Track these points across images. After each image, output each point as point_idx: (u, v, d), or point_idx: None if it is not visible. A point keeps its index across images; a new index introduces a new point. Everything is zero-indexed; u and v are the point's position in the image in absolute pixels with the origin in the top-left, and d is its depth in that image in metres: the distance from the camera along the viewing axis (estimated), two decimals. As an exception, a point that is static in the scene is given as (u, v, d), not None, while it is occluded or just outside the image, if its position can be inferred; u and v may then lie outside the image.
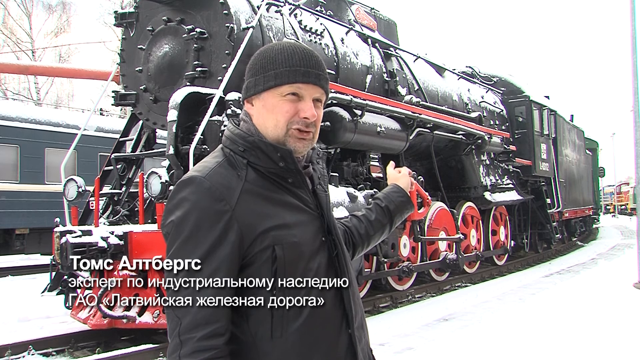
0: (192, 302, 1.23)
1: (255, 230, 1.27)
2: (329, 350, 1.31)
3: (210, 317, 1.22)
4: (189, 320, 1.22)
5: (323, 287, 1.32)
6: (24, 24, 28.94)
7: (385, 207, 1.77)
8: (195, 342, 1.20)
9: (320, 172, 1.48)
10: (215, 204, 1.26)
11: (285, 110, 1.35)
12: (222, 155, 1.37)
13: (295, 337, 1.27)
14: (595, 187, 22.59)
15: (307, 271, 1.31)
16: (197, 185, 1.27)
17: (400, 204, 1.81)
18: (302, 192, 1.38)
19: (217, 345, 1.21)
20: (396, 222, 1.81)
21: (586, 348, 4.79)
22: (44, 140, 12.78)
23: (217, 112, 5.61)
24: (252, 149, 1.35)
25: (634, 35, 8.50)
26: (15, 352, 5.43)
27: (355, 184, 7.28)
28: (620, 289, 7.74)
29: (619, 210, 43.99)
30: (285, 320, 1.27)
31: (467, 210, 9.90)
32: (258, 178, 1.33)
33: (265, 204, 1.30)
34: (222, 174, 1.30)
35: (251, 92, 1.39)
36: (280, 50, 1.37)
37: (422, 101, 8.73)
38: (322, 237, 1.37)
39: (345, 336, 1.34)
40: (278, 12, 6.73)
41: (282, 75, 1.34)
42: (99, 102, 9.45)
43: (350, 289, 1.38)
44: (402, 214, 1.82)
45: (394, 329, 6.06)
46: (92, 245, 5.54)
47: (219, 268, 1.24)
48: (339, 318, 1.34)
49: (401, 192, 1.83)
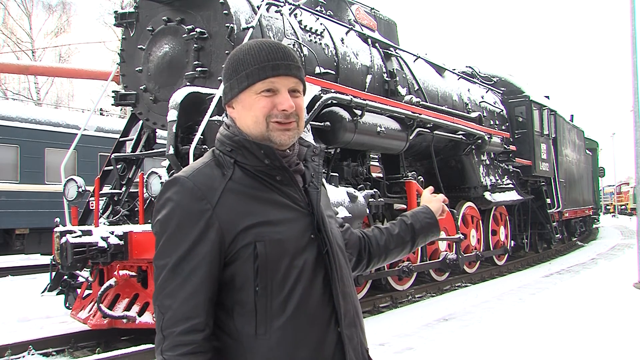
0: (173, 298, 1.26)
1: (236, 227, 1.29)
2: (315, 348, 1.31)
3: (189, 312, 1.25)
4: (170, 316, 1.26)
5: (309, 284, 1.32)
6: (24, 24, 28.98)
7: (410, 225, 1.77)
8: (175, 337, 1.25)
9: (314, 169, 1.48)
10: (196, 203, 1.29)
11: (262, 106, 1.36)
12: (210, 156, 1.41)
13: (280, 334, 1.28)
14: (595, 187, 22.59)
15: (291, 268, 1.31)
16: (180, 185, 1.32)
17: (427, 225, 1.79)
18: (291, 189, 1.39)
19: (195, 341, 1.25)
20: (419, 242, 1.80)
21: (586, 348, 4.79)
22: (44, 140, 12.78)
23: (217, 112, 5.60)
24: (239, 149, 1.38)
25: (634, 35, 8.50)
26: (15, 352, 5.42)
27: (355, 184, 7.27)
28: (620, 289, 7.74)
29: (619, 210, 44.00)
30: (269, 317, 1.28)
31: (467, 210, 9.90)
32: (245, 177, 1.36)
33: (249, 202, 1.32)
34: (206, 174, 1.34)
35: (228, 96, 1.42)
36: (247, 50, 1.39)
37: (422, 101, 8.73)
38: (310, 235, 1.37)
39: (333, 334, 1.34)
40: (278, 12, 6.73)
41: (252, 74, 1.37)
42: (99, 102, 9.45)
43: (340, 287, 1.37)
44: (426, 236, 1.80)
45: (394, 329, 6.06)
46: (92, 245, 5.54)
47: (199, 265, 1.27)
48: (326, 316, 1.34)
49: (430, 214, 1.81)
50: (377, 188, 7.51)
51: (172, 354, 1.24)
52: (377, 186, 7.63)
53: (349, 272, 1.47)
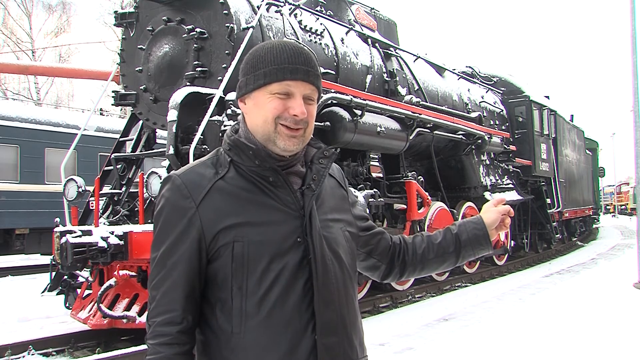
0: (157, 290, 1.33)
1: (216, 226, 1.31)
2: (287, 351, 1.29)
3: (168, 305, 1.31)
4: (153, 307, 1.33)
5: (287, 288, 1.30)
6: (24, 24, 28.98)
7: (455, 235, 1.61)
8: (155, 327, 1.31)
9: (317, 171, 1.43)
10: (182, 201, 1.33)
11: (274, 107, 1.35)
12: (213, 154, 1.43)
13: (253, 334, 1.29)
14: (595, 187, 22.59)
15: (269, 271, 1.30)
16: (171, 182, 1.36)
17: (474, 237, 1.60)
18: (283, 191, 1.36)
19: (171, 332, 1.30)
20: (465, 256, 1.62)
21: (586, 348, 4.79)
22: (44, 140, 12.78)
23: (217, 112, 5.60)
24: (234, 147, 1.38)
25: (634, 35, 8.50)
26: (15, 352, 5.42)
27: (355, 184, 7.27)
28: (620, 289, 7.74)
29: (619, 210, 44.00)
30: (244, 317, 1.29)
31: (467, 210, 9.90)
32: (238, 176, 1.36)
33: (234, 202, 1.33)
34: (197, 172, 1.37)
35: (242, 91, 1.41)
36: (269, 48, 1.38)
37: (422, 101, 8.73)
38: (297, 238, 1.34)
39: (308, 341, 1.30)
40: (278, 12, 6.73)
41: (270, 74, 1.35)
42: (99, 102, 9.45)
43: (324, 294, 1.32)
44: (473, 249, 1.61)
45: (394, 329, 6.06)
46: (92, 245, 5.53)
47: (179, 261, 1.32)
48: (304, 321, 1.30)
49: (480, 224, 1.60)
50: (377, 188, 7.51)
51: (152, 342, 1.31)
52: (377, 186, 7.63)
53: (343, 280, 1.39)
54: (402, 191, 8.17)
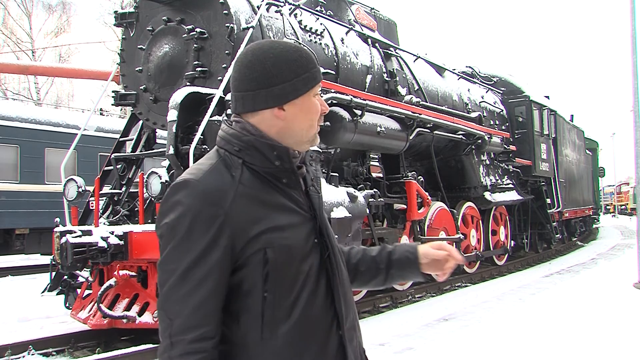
0: (184, 304, 1.23)
1: (247, 234, 1.26)
2: (319, 351, 1.31)
3: (201, 320, 1.23)
4: (180, 323, 1.23)
5: (314, 289, 1.32)
6: (24, 24, 28.99)
7: (389, 253, 1.59)
8: (185, 345, 1.22)
9: (313, 173, 1.47)
10: (209, 208, 1.25)
11: (318, 109, 1.40)
12: (216, 156, 1.35)
13: (285, 338, 1.27)
14: (595, 187, 22.60)
15: (299, 273, 1.30)
16: (191, 188, 1.27)
17: (405, 259, 1.56)
18: (296, 193, 1.37)
19: (206, 348, 1.23)
20: (393, 276, 1.58)
21: (586, 348, 4.79)
22: (44, 140, 12.78)
23: (217, 112, 5.61)
24: (248, 148, 1.33)
25: (634, 35, 8.50)
26: (15, 352, 5.42)
27: (355, 184, 7.27)
28: (620, 289, 7.74)
29: (619, 210, 44.00)
30: (275, 322, 1.27)
31: (467, 210, 9.90)
32: (252, 179, 1.32)
33: (259, 207, 1.30)
34: (216, 176, 1.29)
35: (290, 97, 1.34)
36: (294, 50, 1.37)
37: (422, 101, 8.73)
38: (314, 239, 1.35)
39: (335, 337, 1.34)
40: (278, 12, 6.73)
41: (315, 75, 1.38)
42: (99, 102, 9.46)
43: (342, 291, 1.37)
44: (402, 271, 1.57)
45: (394, 329, 6.06)
46: (92, 245, 5.54)
47: (211, 272, 1.24)
48: (329, 319, 1.34)
49: (413, 250, 1.57)
50: (377, 188, 7.51)
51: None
52: (377, 186, 7.63)
53: (347, 275, 1.46)
54: (402, 191, 8.17)
